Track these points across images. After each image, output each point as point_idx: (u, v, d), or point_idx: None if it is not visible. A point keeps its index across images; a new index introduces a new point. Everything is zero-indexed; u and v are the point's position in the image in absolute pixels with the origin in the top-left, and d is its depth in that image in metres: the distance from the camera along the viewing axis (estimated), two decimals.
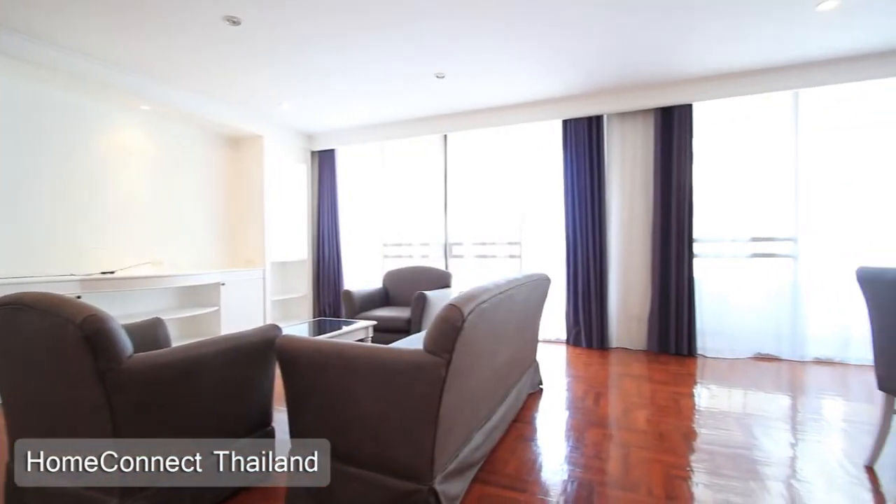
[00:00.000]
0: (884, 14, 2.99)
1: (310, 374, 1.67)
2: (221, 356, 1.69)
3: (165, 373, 1.50)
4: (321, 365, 1.65)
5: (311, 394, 1.68)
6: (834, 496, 1.85)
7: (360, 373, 1.58)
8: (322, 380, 1.65)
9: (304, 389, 1.69)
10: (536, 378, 3.19)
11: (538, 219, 4.93)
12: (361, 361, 1.58)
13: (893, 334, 1.92)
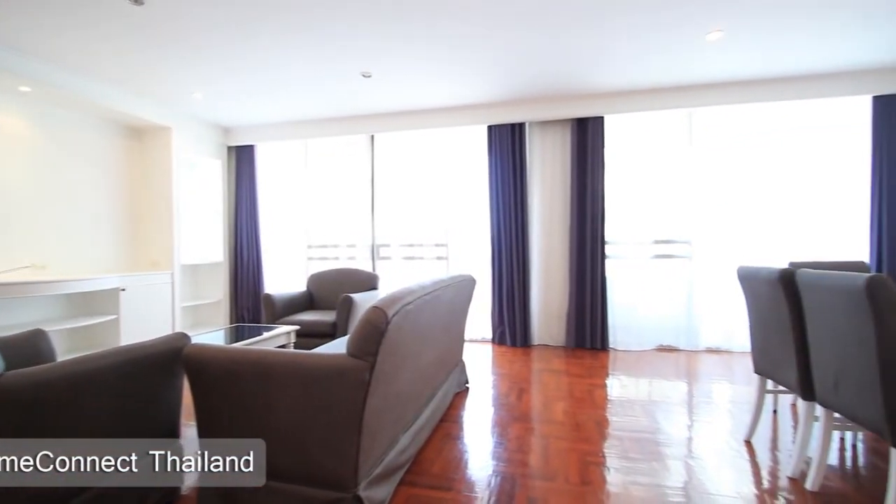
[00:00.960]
0: (763, 45, 3.43)
1: (223, 386, 1.56)
2: (116, 370, 1.52)
3: (47, 392, 1.32)
4: (236, 374, 1.55)
5: (223, 406, 1.57)
6: (721, 469, 2.08)
7: (278, 381, 1.51)
8: (237, 390, 1.55)
9: (215, 402, 1.58)
10: (463, 377, 3.25)
11: (465, 221, 5.03)
12: (280, 369, 1.51)
13: (765, 325, 2.21)
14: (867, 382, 1.49)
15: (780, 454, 2.22)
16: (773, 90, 4.10)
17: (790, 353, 1.97)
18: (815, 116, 4.23)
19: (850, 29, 3.19)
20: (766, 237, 4.27)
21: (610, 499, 1.83)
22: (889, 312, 1.41)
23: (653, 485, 1.92)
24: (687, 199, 4.44)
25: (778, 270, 1.97)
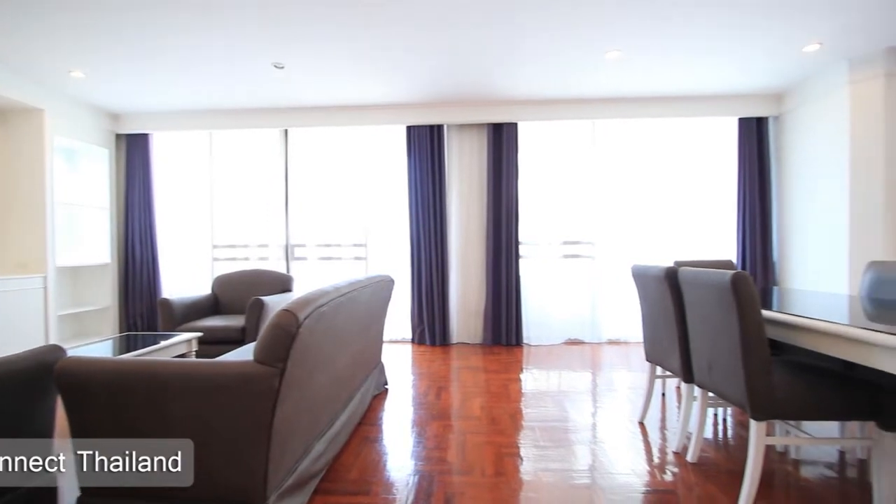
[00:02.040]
0: (652, 68, 3.82)
1: (108, 404, 1.39)
2: None
3: None
4: (124, 390, 1.39)
5: (108, 427, 1.39)
6: (619, 450, 2.28)
7: (175, 393, 1.38)
8: (125, 408, 1.39)
9: (97, 423, 1.40)
10: (382, 379, 3.22)
11: (384, 221, 4.99)
12: (177, 380, 1.38)
13: (654, 318, 2.47)
14: (732, 365, 1.73)
15: (667, 432, 2.49)
16: (661, 107, 4.60)
17: (674, 342, 2.22)
18: (697, 132, 4.80)
19: (722, 62, 3.68)
20: (658, 239, 4.77)
21: (522, 487, 1.93)
22: (749, 304, 1.65)
23: (561, 470, 2.06)
24: (591, 203, 4.81)
25: (663, 269, 2.21)
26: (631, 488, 1.89)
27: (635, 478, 1.98)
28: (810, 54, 3.61)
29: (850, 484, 1.95)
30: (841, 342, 1.52)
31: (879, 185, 3.62)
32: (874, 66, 3.59)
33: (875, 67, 3.59)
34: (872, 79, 3.61)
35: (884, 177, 3.61)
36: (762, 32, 3.24)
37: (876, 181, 3.63)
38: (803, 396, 1.67)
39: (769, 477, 1.97)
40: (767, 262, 4.59)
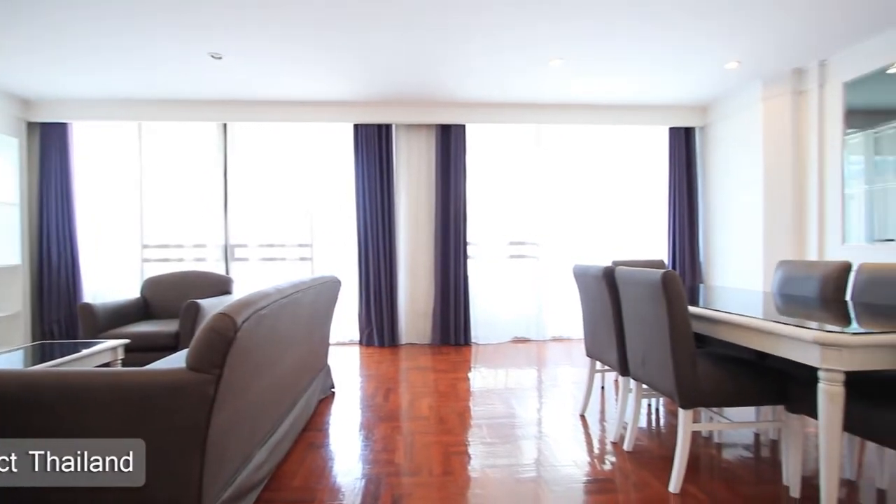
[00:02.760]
0: (595, 75, 4.00)
1: (13, 421, 1.25)
2: None
3: None
4: (35, 405, 1.26)
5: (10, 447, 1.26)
6: (562, 442, 2.36)
7: (97, 406, 1.26)
8: (36, 425, 1.26)
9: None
10: (328, 382, 3.14)
11: (331, 220, 4.88)
12: (99, 391, 1.27)
13: (593, 314, 2.59)
14: (663, 358, 1.85)
15: (606, 423, 2.62)
16: (600, 115, 4.84)
17: (612, 338, 2.33)
18: (633, 139, 5.08)
19: (655, 75, 3.92)
20: (598, 239, 5.01)
21: (469, 484, 1.95)
22: (677, 300, 1.77)
23: (507, 465, 2.10)
24: (536, 205, 4.96)
25: (602, 268, 2.33)
26: (572, 479, 1.97)
27: (576, 469, 2.07)
28: (730, 72, 3.94)
29: (764, 462, 2.14)
30: (755, 334, 1.67)
31: (788, 191, 4.02)
32: (783, 85, 3.98)
33: (784, 86, 3.98)
34: (782, 96, 4.00)
35: (791, 184, 4.01)
36: (691, 49, 3.50)
37: (785, 188, 4.02)
38: (724, 385, 1.81)
39: (696, 460, 2.13)
40: (695, 261, 4.96)
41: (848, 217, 3.65)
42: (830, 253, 3.73)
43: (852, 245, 3.58)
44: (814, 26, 3.17)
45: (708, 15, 2.97)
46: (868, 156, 3.57)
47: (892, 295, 2.03)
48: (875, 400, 1.48)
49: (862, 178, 3.60)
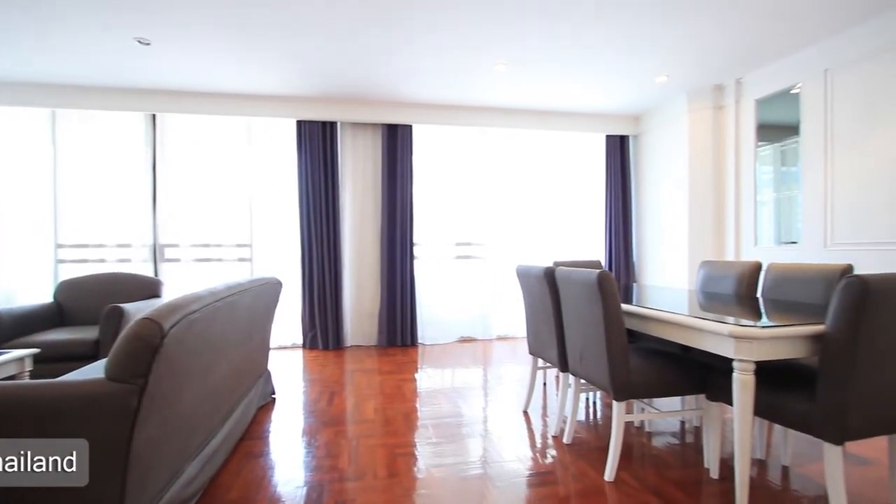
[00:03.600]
0: (537, 82, 4.13)
1: None
2: None
3: None
4: None
5: None
6: (506, 439, 2.42)
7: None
8: None
9: None
10: (268, 388, 3.02)
11: (272, 219, 4.68)
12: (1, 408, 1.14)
13: (535, 313, 2.67)
14: (599, 354, 1.94)
15: (548, 419, 2.71)
16: (542, 120, 5.01)
17: (552, 335, 2.42)
18: (574, 145, 5.30)
19: (593, 85, 4.12)
20: (541, 240, 5.18)
21: (415, 485, 1.94)
22: (611, 299, 1.87)
23: (453, 464, 2.12)
24: (482, 207, 5.05)
25: (543, 269, 2.41)
26: (516, 474, 2.02)
27: (519, 464, 2.12)
28: (660, 85, 4.22)
29: (688, 448, 2.31)
30: (680, 329, 1.80)
31: (709, 197, 4.36)
32: (705, 99, 4.33)
33: (706, 100, 4.33)
34: (704, 110, 4.35)
35: (712, 191, 4.36)
36: (625, 63, 3.70)
37: (706, 194, 4.37)
38: (654, 377, 1.94)
39: (629, 449, 2.26)
40: (629, 261, 5.26)
41: (759, 221, 4.03)
42: (745, 253, 4.10)
43: (763, 247, 3.96)
44: (729, 48, 3.47)
45: (639, 34, 3.17)
46: (776, 166, 3.96)
47: (795, 291, 2.27)
48: (779, 387, 1.64)
49: (771, 187, 3.99)
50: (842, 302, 1.41)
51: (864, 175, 3.14)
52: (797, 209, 3.65)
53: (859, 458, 2.14)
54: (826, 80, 3.37)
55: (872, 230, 3.08)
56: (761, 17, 3.01)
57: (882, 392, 1.46)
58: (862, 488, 1.88)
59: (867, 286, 1.36)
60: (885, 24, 2.98)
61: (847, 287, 1.39)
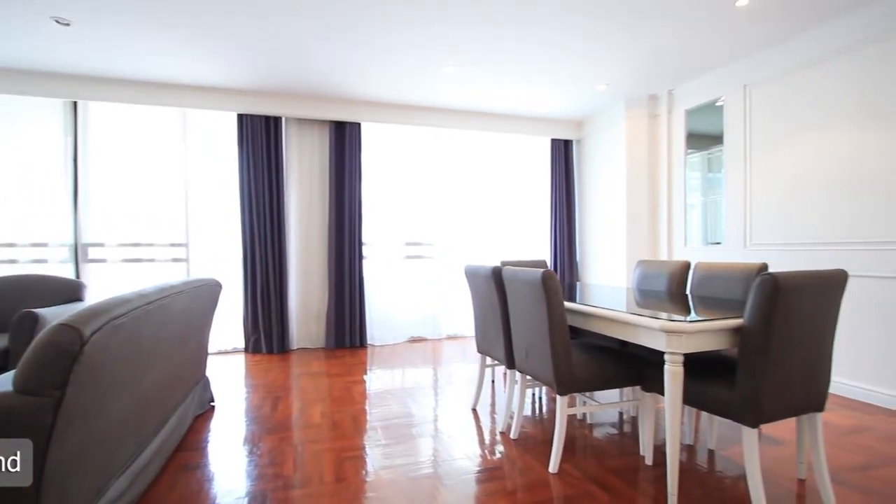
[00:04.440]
0: (485, 85, 4.20)
1: None
2: None
3: None
4: None
5: None
6: (455, 437, 2.44)
7: None
8: None
9: None
10: (206, 396, 2.86)
11: (210, 217, 4.43)
12: None
13: (483, 312, 2.72)
14: (543, 350, 2.01)
15: (496, 415, 2.77)
16: (491, 123, 5.10)
17: (499, 333, 2.48)
18: (522, 147, 5.44)
19: (540, 90, 4.25)
20: (489, 240, 5.27)
21: (363, 488, 1.92)
22: (554, 297, 1.94)
23: (402, 465, 2.11)
24: (431, 206, 5.06)
25: (490, 268, 2.46)
26: (465, 471, 2.05)
27: (468, 461, 2.15)
28: (601, 92, 4.43)
29: (626, 437, 2.44)
30: (618, 325, 1.90)
31: (644, 200, 4.64)
32: (641, 108, 4.59)
33: (642, 109, 4.59)
34: (640, 118, 4.61)
35: (647, 194, 4.63)
36: (568, 70, 3.85)
37: (642, 197, 4.64)
38: (594, 371, 2.03)
39: (572, 441, 2.35)
40: (573, 261, 5.47)
41: (689, 223, 4.33)
42: (677, 253, 4.40)
43: (692, 247, 4.26)
44: (662, 61, 3.70)
45: (583, 43, 3.31)
46: (704, 173, 4.28)
47: (719, 288, 2.46)
48: (705, 377, 1.78)
49: (700, 192, 4.30)
50: (756, 298, 1.55)
51: (778, 182, 3.47)
52: (721, 212, 3.96)
53: (772, 439, 2.36)
54: (745, 95, 3.68)
55: (786, 232, 3.41)
56: (690, 35, 3.24)
57: (790, 379, 1.61)
58: (775, 466, 2.07)
59: (777, 283, 1.50)
60: (795, 47, 3.30)
61: (760, 284, 1.53)
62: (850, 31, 2.96)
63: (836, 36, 3.04)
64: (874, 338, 2.88)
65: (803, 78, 3.27)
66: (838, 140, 3.06)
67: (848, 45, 2.98)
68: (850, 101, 2.99)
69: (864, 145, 2.92)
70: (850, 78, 2.99)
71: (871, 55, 2.87)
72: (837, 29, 3.03)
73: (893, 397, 2.77)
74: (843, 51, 3.01)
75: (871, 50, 2.87)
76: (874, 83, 2.86)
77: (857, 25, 2.92)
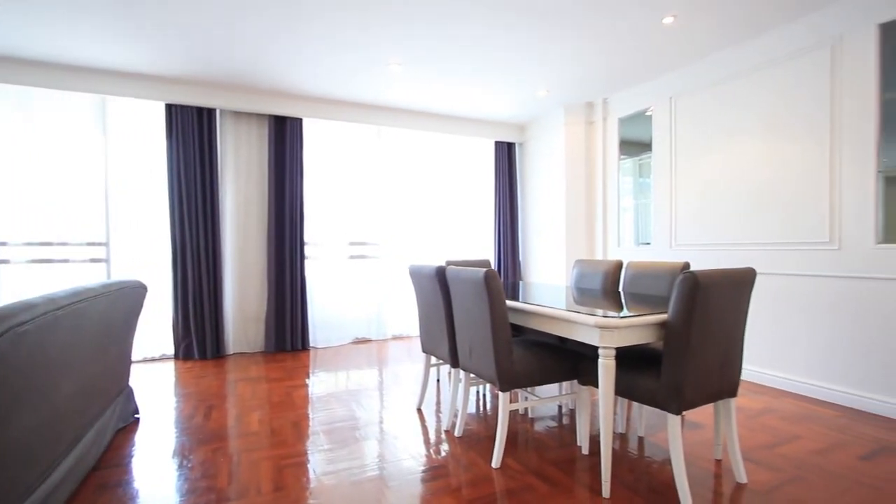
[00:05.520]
0: (431, 86, 4.21)
1: None
2: None
3: None
4: None
5: None
6: (400, 438, 2.43)
7: None
8: None
9: None
10: (130, 407, 2.64)
11: (134, 214, 4.10)
12: None
13: (428, 312, 2.73)
14: (486, 348, 2.05)
15: (441, 414, 2.78)
16: (436, 123, 5.13)
17: (444, 332, 2.50)
18: (467, 148, 5.51)
19: (485, 94, 4.33)
20: (435, 240, 5.30)
21: (304, 495, 1.86)
22: (496, 296, 1.99)
23: (346, 469, 2.07)
24: (377, 206, 5.01)
25: (434, 267, 2.47)
26: (410, 472, 2.05)
27: (413, 461, 2.15)
28: (542, 98, 4.59)
29: (565, 429, 2.55)
30: (557, 322, 1.98)
31: (582, 203, 4.86)
32: (579, 115, 4.81)
33: (580, 116, 4.81)
34: (578, 124, 4.83)
35: (584, 197, 4.86)
36: (511, 75, 3.95)
37: (580, 200, 4.86)
38: (534, 367, 2.10)
39: (514, 436, 2.42)
40: (516, 260, 5.63)
41: (622, 225, 4.60)
42: (611, 253, 4.65)
43: (625, 247, 4.53)
44: (598, 71, 3.91)
45: (527, 50, 3.41)
46: (635, 178, 4.56)
47: (649, 285, 2.63)
48: (635, 369, 1.90)
49: (632, 195, 4.58)
50: (678, 294, 1.67)
51: (698, 186, 3.77)
52: (650, 215, 4.24)
53: (694, 424, 2.56)
54: (671, 106, 3.97)
55: (705, 233, 3.71)
56: (621, 49, 3.44)
57: (708, 368, 1.76)
58: (696, 448, 2.25)
59: (697, 281, 1.63)
60: (715, 63, 3.61)
61: (682, 282, 1.66)
62: (761, 52, 3.28)
63: (750, 55, 3.36)
64: (778, 329, 3.21)
65: (721, 92, 3.58)
66: (748, 150, 3.38)
67: (759, 63, 3.30)
68: (759, 115, 3.31)
69: (768, 155, 3.25)
70: (759, 93, 3.31)
71: (777, 74, 3.20)
72: (751, 49, 3.35)
73: (795, 381, 3.11)
74: (755, 68, 3.33)
75: (778, 69, 3.19)
76: (779, 99, 3.19)
77: (768, 47, 3.24)
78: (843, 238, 2.84)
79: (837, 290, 2.88)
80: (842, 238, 2.85)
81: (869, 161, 2.72)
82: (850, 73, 2.80)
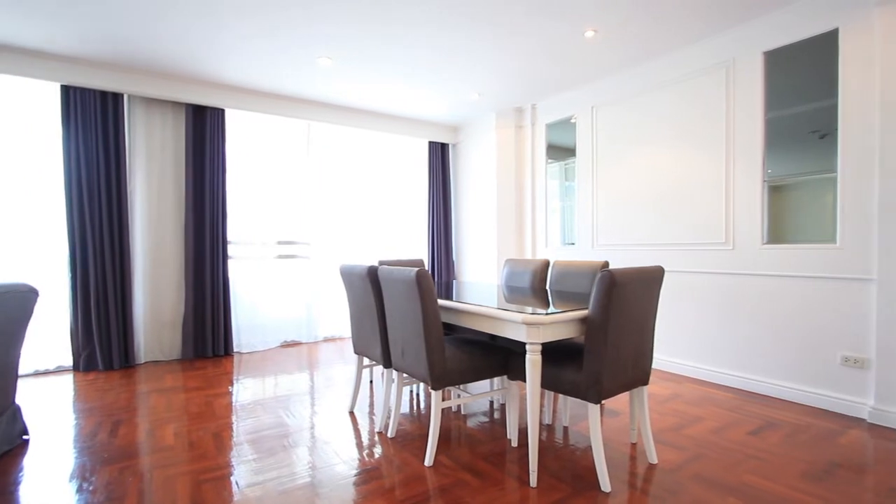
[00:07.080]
0: (364, 83, 4.13)
1: None
2: None
3: None
4: None
5: None
6: (331, 443, 2.37)
7: None
8: None
9: None
10: (16, 428, 2.33)
11: (20, 209, 3.62)
12: None
13: (360, 312, 2.68)
14: (418, 347, 2.06)
15: (374, 416, 2.75)
16: (370, 121, 5.06)
17: (376, 333, 2.47)
18: (400, 148, 5.49)
19: (418, 94, 4.33)
20: (367, 240, 5.22)
21: None
22: (428, 295, 2.01)
23: (274, 478, 1.98)
24: (306, 204, 4.83)
25: (366, 267, 2.44)
26: (342, 476, 2.00)
27: (345, 465, 2.11)
28: (474, 101, 4.69)
29: (496, 424, 2.63)
30: (487, 320, 2.04)
31: (512, 204, 5.04)
32: (509, 119, 4.98)
33: (510, 120, 4.98)
34: (508, 128, 5.00)
35: (514, 199, 5.04)
36: (444, 77, 4.00)
37: (510, 201, 5.03)
38: (466, 364, 2.15)
39: (447, 433, 2.45)
40: (449, 260, 5.70)
41: (549, 226, 4.83)
42: (539, 252, 4.87)
43: (552, 247, 4.76)
44: (524, 79, 4.07)
45: (454, 54, 3.46)
46: (562, 181, 4.80)
47: (573, 283, 2.79)
48: (559, 363, 2.00)
49: (559, 198, 4.82)
50: (597, 291, 1.79)
51: (617, 190, 4.05)
52: (575, 217, 4.50)
53: (612, 412, 2.76)
54: (593, 114, 4.23)
55: (623, 234, 4.00)
56: (546, 59, 3.61)
57: (624, 359, 1.90)
58: (614, 434, 2.42)
59: (613, 278, 1.76)
60: (632, 76, 3.90)
61: (601, 279, 1.78)
62: (672, 68, 3.60)
63: (662, 70, 3.67)
64: (682, 321, 3.54)
65: (636, 103, 3.87)
66: (660, 159, 3.70)
67: (670, 79, 3.61)
68: (670, 126, 3.63)
69: (677, 164, 3.58)
70: (671, 105, 3.63)
71: (685, 89, 3.52)
72: (663, 64, 3.66)
73: (697, 367, 3.45)
74: (667, 83, 3.64)
75: (685, 85, 3.52)
76: (686, 113, 3.52)
77: (677, 63, 3.56)
78: (737, 239, 3.20)
79: (731, 286, 3.24)
80: (735, 239, 3.21)
81: (756, 171, 3.09)
82: (741, 93, 3.16)
